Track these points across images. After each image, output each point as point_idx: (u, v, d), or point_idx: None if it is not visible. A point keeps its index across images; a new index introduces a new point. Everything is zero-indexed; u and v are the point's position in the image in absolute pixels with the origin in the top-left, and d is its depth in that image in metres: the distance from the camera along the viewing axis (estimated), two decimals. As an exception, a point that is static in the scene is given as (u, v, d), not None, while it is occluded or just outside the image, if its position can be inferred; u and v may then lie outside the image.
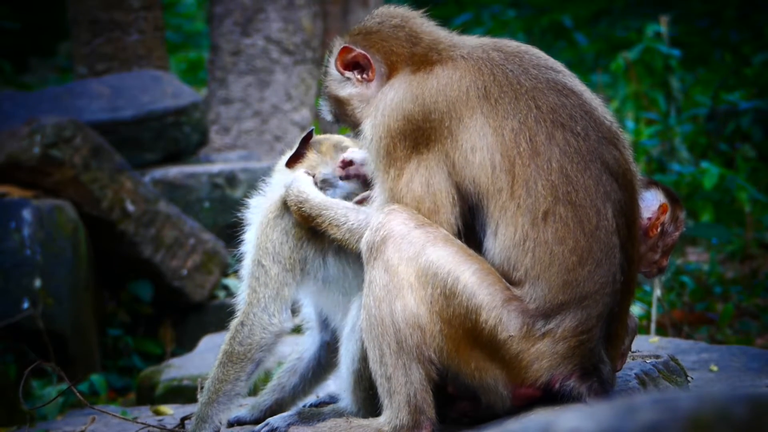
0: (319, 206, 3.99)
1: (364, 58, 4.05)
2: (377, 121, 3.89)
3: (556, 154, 3.76)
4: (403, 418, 3.77)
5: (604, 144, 3.82)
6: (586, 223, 3.74)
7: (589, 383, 3.75)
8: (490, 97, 3.81)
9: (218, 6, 11.51)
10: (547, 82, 3.84)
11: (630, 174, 3.88)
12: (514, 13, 18.92)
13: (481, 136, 3.78)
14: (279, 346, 4.11)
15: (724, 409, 2.11)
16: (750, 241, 9.53)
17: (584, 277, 3.73)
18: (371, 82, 4.06)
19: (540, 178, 3.74)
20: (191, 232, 8.55)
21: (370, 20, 4.15)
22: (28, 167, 7.93)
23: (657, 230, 4.21)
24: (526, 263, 3.74)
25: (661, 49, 11.44)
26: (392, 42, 4.03)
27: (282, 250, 4.07)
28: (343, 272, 4.10)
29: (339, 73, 4.11)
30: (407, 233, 3.77)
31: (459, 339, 3.75)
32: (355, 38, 4.10)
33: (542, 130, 3.77)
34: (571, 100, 3.84)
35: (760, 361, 5.01)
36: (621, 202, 3.81)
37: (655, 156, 11.03)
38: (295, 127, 11.39)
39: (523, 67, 3.87)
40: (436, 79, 3.86)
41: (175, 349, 8.44)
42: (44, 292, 7.57)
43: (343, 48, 4.08)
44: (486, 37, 4.07)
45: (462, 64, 3.88)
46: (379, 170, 3.90)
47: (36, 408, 6.44)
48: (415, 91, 3.86)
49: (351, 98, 4.09)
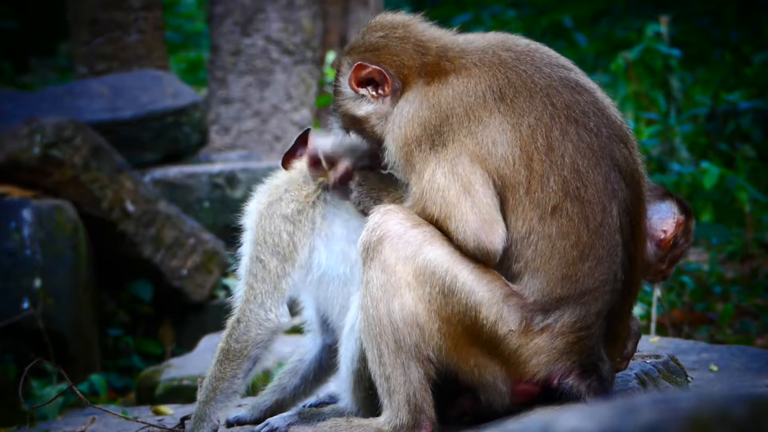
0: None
1: (380, 74, 3.98)
2: (396, 134, 3.86)
3: (569, 149, 3.76)
4: (402, 418, 3.78)
5: (615, 141, 3.83)
6: (591, 219, 3.74)
7: (588, 382, 3.75)
8: (506, 98, 3.80)
9: (218, 6, 11.51)
10: (560, 80, 3.85)
11: (638, 174, 3.88)
12: (514, 13, 18.92)
13: (500, 132, 3.77)
14: (276, 343, 4.11)
15: (724, 409, 2.11)
16: (750, 241, 9.54)
17: (584, 272, 3.73)
18: (387, 97, 3.99)
19: (553, 174, 3.74)
20: (191, 232, 8.55)
21: (371, 34, 4.07)
22: (28, 167, 7.93)
23: (669, 244, 4.22)
24: (527, 255, 3.74)
25: (661, 49, 11.45)
26: (402, 56, 3.98)
27: (280, 240, 4.07)
28: (342, 267, 4.10)
29: (353, 90, 4.04)
30: (404, 233, 3.77)
31: (458, 337, 3.75)
32: (363, 56, 4.03)
33: (557, 126, 3.78)
34: (584, 97, 3.85)
35: (760, 361, 5.01)
36: (627, 201, 3.81)
37: (655, 156, 11.03)
38: (295, 127, 11.39)
39: (535, 66, 3.87)
40: (452, 89, 3.84)
41: (175, 349, 8.44)
42: (44, 292, 7.57)
43: (358, 65, 4.00)
44: (491, 34, 4.04)
45: (475, 72, 3.85)
46: (405, 180, 3.88)
47: (36, 408, 6.44)
48: (431, 101, 3.84)
49: (369, 116, 4.02)
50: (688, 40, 15.83)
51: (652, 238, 4.17)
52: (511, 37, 4.01)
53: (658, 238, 4.20)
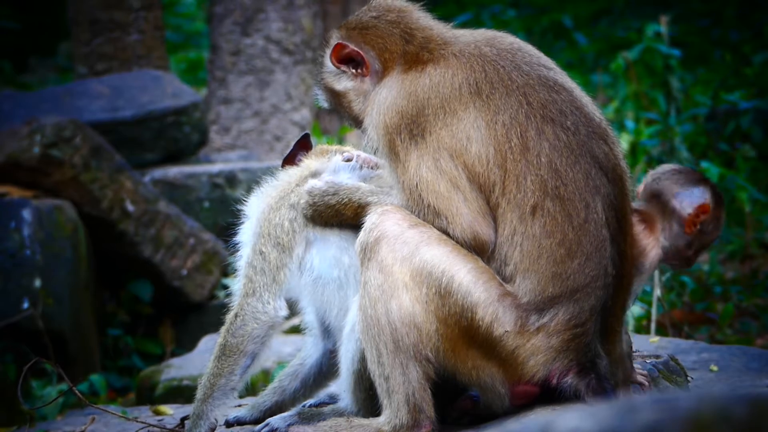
0: (351, 189, 4.00)
1: (358, 55, 4.07)
2: (375, 121, 3.92)
3: (545, 148, 3.77)
4: (402, 418, 3.78)
5: (594, 139, 3.84)
6: (575, 216, 3.74)
7: (587, 380, 3.75)
8: (482, 93, 3.82)
9: (218, 6, 11.50)
10: (538, 79, 3.86)
11: (620, 169, 3.88)
12: (514, 13, 18.92)
13: (475, 128, 3.80)
14: (274, 340, 4.11)
15: (724, 409, 2.11)
16: (750, 241, 9.53)
17: (574, 269, 3.73)
18: (366, 77, 4.07)
19: (529, 173, 3.75)
20: (191, 232, 8.55)
21: (366, 13, 4.15)
22: (28, 167, 7.93)
23: (695, 227, 4.14)
24: (515, 257, 3.75)
25: (661, 49, 11.44)
26: (387, 39, 4.04)
27: (282, 230, 4.07)
28: (336, 271, 4.10)
29: (334, 66, 4.13)
30: (401, 233, 3.77)
31: (455, 338, 3.75)
32: (350, 32, 4.11)
33: (532, 126, 3.78)
34: (561, 96, 3.85)
35: (760, 361, 5.00)
36: (611, 196, 3.82)
37: (655, 156, 11.03)
38: (295, 127, 11.40)
39: (515, 64, 3.88)
40: (428, 78, 3.88)
41: (175, 349, 8.44)
42: (44, 292, 7.57)
43: (338, 44, 4.10)
44: (481, 31, 4.07)
45: (453, 62, 3.88)
46: (388, 167, 3.93)
47: (36, 408, 6.44)
48: (408, 89, 3.88)
49: (347, 92, 4.12)
50: (688, 40, 15.83)
51: (680, 219, 4.11)
52: (499, 35, 4.02)
53: (683, 219, 4.13)
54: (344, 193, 4.01)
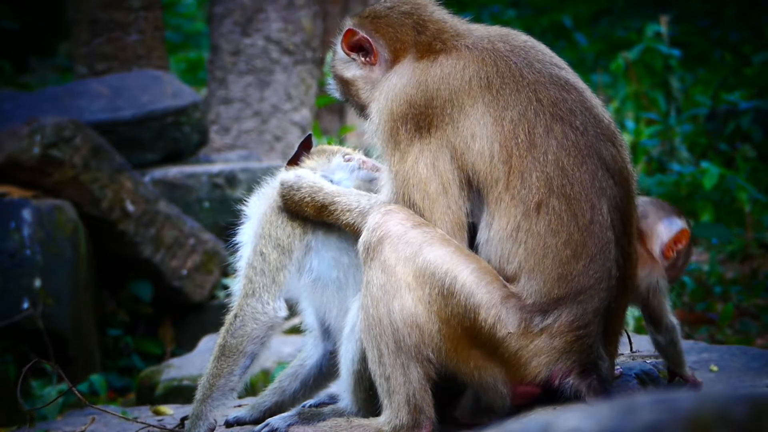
0: (333, 193, 4.02)
1: (367, 42, 4.08)
2: (381, 105, 3.92)
3: (553, 146, 3.76)
4: (402, 418, 3.78)
5: (602, 140, 3.83)
6: (581, 216, 3.74)
7: (588, 381, 3.75)
8: (492, 87, 3.82)
9: (218, 6, 11.50)
10: (549, 77, 3.86)
11: (626, 172, 3.88)
12: (514, 13, 18.92)
13: (481, 125, 3.79)
14: (273, 339, 4.11)
15: (724, 409, 2.11)
16: (750, 241, 9.53)
17: (579, 271, 3.73)
18: (375, 66, 4.09)
19: (535, 170, 3.74)
20: (191, 232, 8.55)
21: (382, 4, 4.17)
22: (28, 167, 7.93)
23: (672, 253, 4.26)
24: (519, 255, 3.75)
25: (661, 49, 11.45)
26: (398, 29, 4.05)
27: (283, 231, 4.08)
28: (335, 272, 4.10)
29: (345, 53, 4.15)
30: (404, 233, 3.77)
31: (457, 338, 3.75)
32: (363, 21, 4.13)
33: (541, 123, 3.78)
34: (572, 95, 3.85)
35: (760, 361, 5.00)
36: (617, 199, 3.81)
37: (655, 156, 11.04)
38: (295, 127, 11.40)
39: (527, 60, 3.88)
40: (439, 68, 3.88)
41: (175, 349, 8.45)
42: (44, 292, 7.57)
43: (348, 30, 4.12)
44: (495, 27, 4.08)
45: (466, 54, 3.89)
46: (385, 154, 3.93)
47: (36, 408, 6.44)
48: (418, 78, 3.89)
49: (356, 79, 4.13)
50: (688, 40, 15.83)
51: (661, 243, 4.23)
52: (513, 32, 4.03)
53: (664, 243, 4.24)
54: (306, 191, 4.03)
